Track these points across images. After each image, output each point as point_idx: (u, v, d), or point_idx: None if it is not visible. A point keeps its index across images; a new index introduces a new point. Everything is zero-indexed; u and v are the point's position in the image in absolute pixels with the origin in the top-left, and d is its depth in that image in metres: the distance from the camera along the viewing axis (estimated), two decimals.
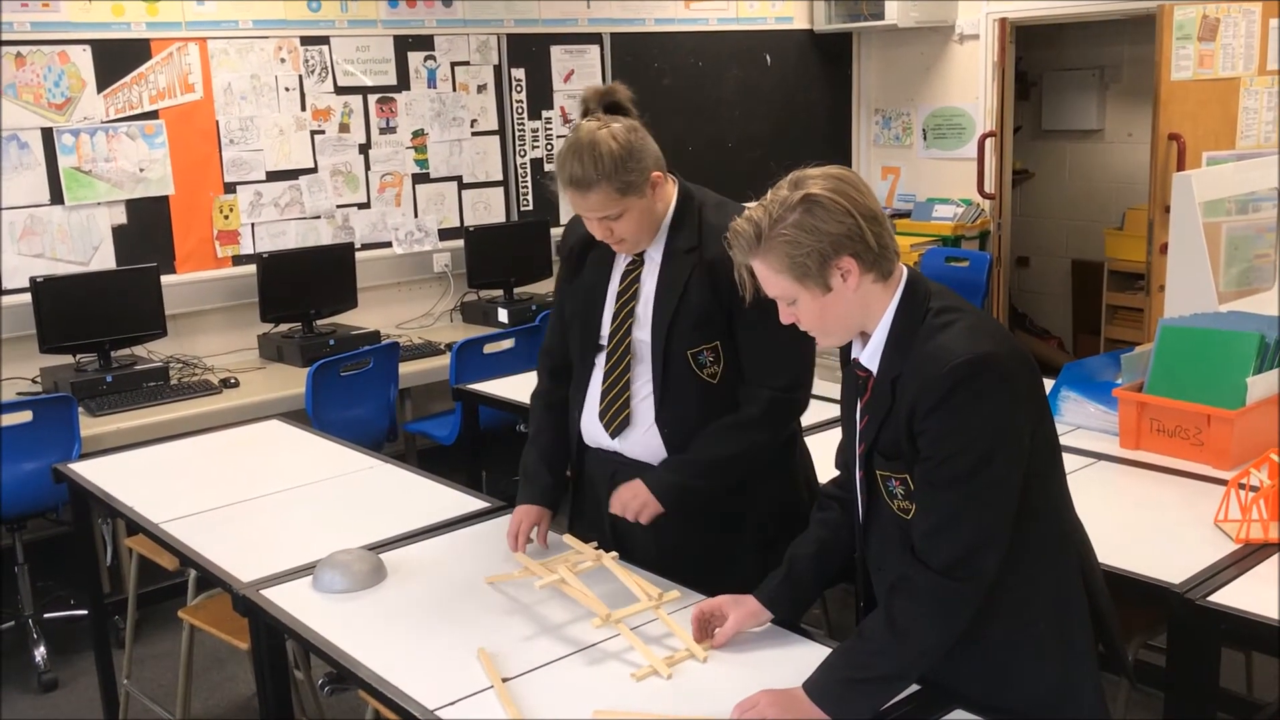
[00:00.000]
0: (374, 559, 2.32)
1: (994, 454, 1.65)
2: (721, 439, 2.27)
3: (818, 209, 1.67)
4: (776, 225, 1.68)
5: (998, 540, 1.67)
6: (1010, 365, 1.67)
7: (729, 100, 6.29)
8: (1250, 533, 2.26)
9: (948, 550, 1.67)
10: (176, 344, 4.62)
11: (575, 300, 2.43)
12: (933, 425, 1.66)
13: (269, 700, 2.32)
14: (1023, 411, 1.69)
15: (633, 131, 2.19)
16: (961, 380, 1.63)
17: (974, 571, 1.66)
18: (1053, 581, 1.78)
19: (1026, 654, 1.77)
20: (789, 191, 1.70)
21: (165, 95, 4.58)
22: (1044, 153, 7.07)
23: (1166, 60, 4.82)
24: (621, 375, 2.34)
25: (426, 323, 5.32)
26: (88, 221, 4.46)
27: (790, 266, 1.68)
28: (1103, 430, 2.95)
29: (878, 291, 1.73)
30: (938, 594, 1.68)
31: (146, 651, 3.88)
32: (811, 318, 1.74)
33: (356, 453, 3.14)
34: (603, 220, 2.20)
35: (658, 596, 2.08)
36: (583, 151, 2.13)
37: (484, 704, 1.82)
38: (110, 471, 3.06)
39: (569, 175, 2.15)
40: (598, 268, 2.39)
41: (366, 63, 5.09)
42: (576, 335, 2.42)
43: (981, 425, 1.64)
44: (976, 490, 1.65)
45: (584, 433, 2.44)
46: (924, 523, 1.71)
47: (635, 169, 2.16)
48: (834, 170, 1.73)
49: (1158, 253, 4.83)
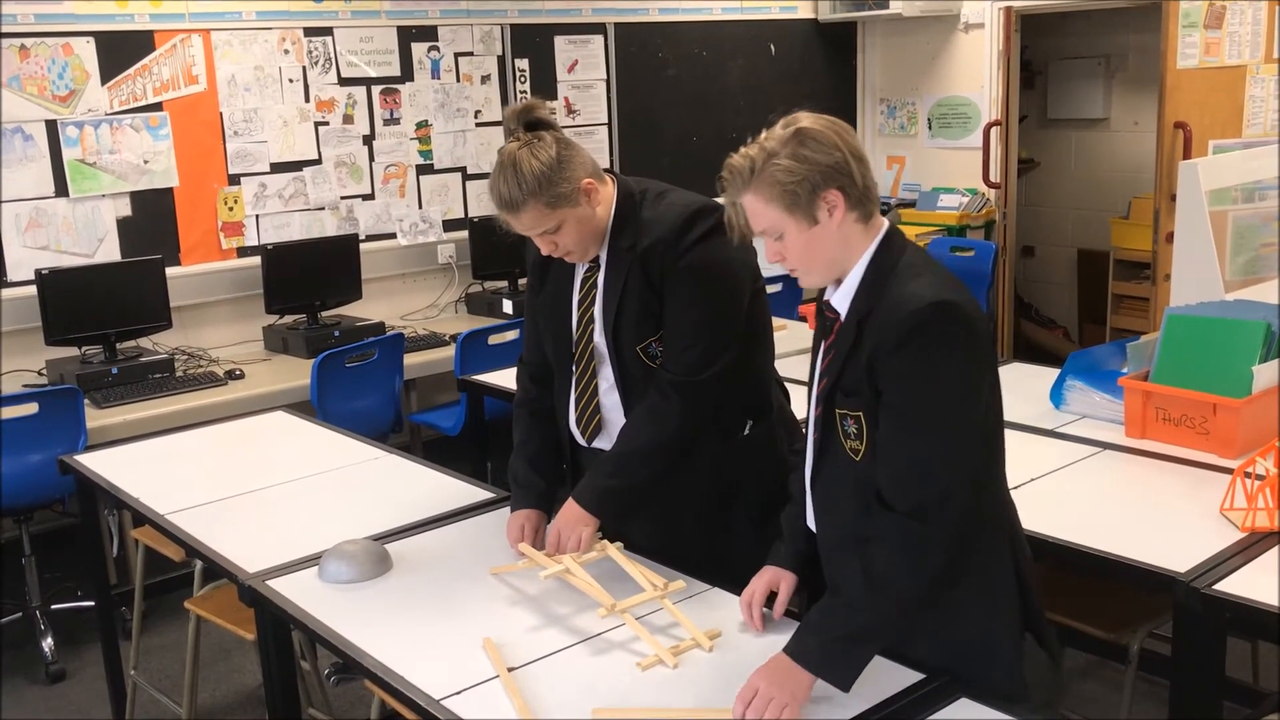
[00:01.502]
0: (379, 549, 2.32)
1: (962, 399, 1.70)
2: (631, 432, 2.30)
3: (810, 140, 1.73)
4: (770, 158, 1.74)
5: (965, 484, 1.71)
6: (973, 317, 1.72)
7: (733, 91, 6.28)
8: (1256, 521, 2.26)
9: (916, 493, 1.70)
10: (182, 336, 4.62)
11: (544, 312, 2.45)
12: (896, 367, 1.71)
13: (275, 691, 2.32)
14: (983, 363, 1.74)
15: (557, 144, 2.18)
16: (926, 323, 1.68)
17: (942, 513, 1.70)
18: (982, 542, 1.81)
19: (952, 610, 1.81)
20: (782, 129, 1.76)
21: (169, 87, 4.58)
22: (1049, 142, 7.05)
23: (1172, 48, 4.80)
24: (590, 380, 2.38)
25: (431, 314, 5.33)
26: (92, 214, 4.47)
27: (781, 195, 1.74)
28: (1108, 419, 2.94)
29: (859, 232, 1.78)
30: (907, 537, 1.71)
31: (153, 642, 3.90)
32: (797, 252, 1.79)
33: (361, 443, 3.14)
34: (543, 235, 2.22)
35: (663, 586, 2.08)
36: (507, 173, 2.15)
37: (490, 694, 1.82)
38: (116, 463, 3.07)
39: (499, 198, 2.18)
40: (560, 277, 2.41)
41: (370, 54, 5.09)
42: (552, 346, 2.45)
43: (949, 371, 1.69)
44: (944, 434, 1.70)
45: (573, 435, 2.48)
46: (891, 467, 1.74)
47: (562, 180, 2.16)
48: (825, 115, 1.80)
49: (1164, 242, 4.81)
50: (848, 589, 1.75)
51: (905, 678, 1.81)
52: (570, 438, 2.49)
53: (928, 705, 1.74)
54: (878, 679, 1.80)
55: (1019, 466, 2.61)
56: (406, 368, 4.53)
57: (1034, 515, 2.19)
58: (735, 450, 2.36)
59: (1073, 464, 2.70)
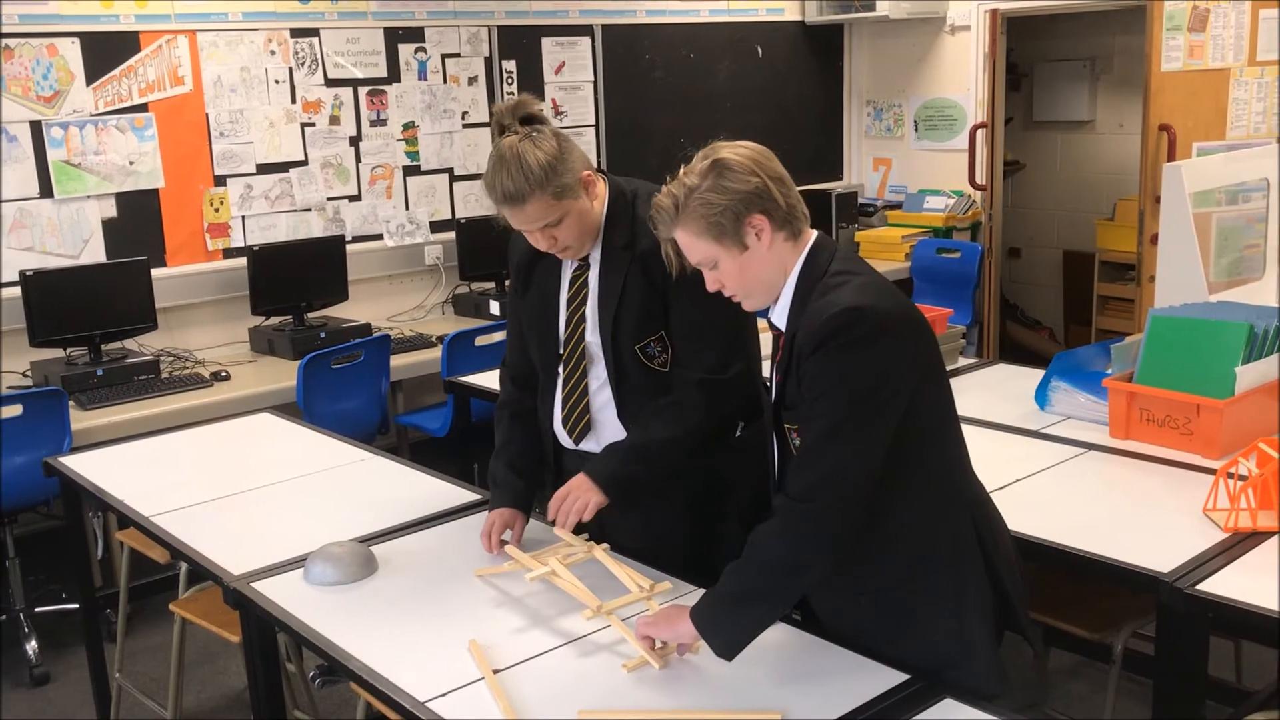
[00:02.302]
0: (365, 551, 2.32)
1: (859, 397, 1.75)
2: (653, 423, 2.29)
3: (727, 171, 1.80)
4: (692, 193, 1.81)
5: (850, 476, 1.75)
6: (889, 320, 1.76)
7: (720, 92, 6.29)
8: (1239, 521, 2.27)
9: (803, 479, 1.78)
10: (167, 337, 4.61)
11: (530, 314, 2.45)
12: (810, 369, 1.77)
13: (260, 693, 2.32)
14: (900, 365, 1.78)
15: (555, 137, 2.20)
16: (837, 329, 1.74)
17: (822, 498, 1.76)
18: (946, 539, 1.87)
19: (922, 608, 1.86)
20: (700, 161, 1.84)
21: (155, 88, 4.57)
22: (1035, 144, 7.07)
23: (1157, 51, 4.83)
24: (580, 380, 2.38)
25: (418, 315, 5.32)
26: (77, 215, 4.45)
27: (708, 228, 1.81)
28: (1093, 420, 2.95)
29: (789, 250, 1.85)
30: (787, 515, 1.78)
31: (138, 645, 3.88)
32: (733, 278, 1.86)
33: (347, 445, 3.13)
34: (544, 230, 2.21)
35: (649, 588, 2.08)
36: (510, 166, 2.14)
37: (475, 696, 1.82)
38: (101, 465, 3.06)
39: (502, 192, 2.16)
40: (547, 278, 2.41)
41: (357, 55, 5.08)
42: (537, 348, 2.44)
43: (850, 370, 1.74)
44: (836, 428, 1.75)
45: (558, 437, 2.47)
46: (796, 455, 1.82)
47: (566, 172, 2.17)
48: (744, 142, 1.87)
49: (1148, 243, 4.83)
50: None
51: (890, 678, 1.81)
52: (554, 440, 2.48)
53: (912, 705, 1.74)
54: (862, 680, 1.81)
55: (1003, 467, 2.64)
56: (393, 369, 4.53)
57: (1019, 516, 2.20)
58: (727, 452, 2.37)
59: (1057, 465, 2.71)
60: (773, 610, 1.85)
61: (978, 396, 3.20)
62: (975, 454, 1.99)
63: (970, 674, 1.82)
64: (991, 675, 1.86)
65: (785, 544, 1.78)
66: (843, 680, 1.82)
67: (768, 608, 1.83)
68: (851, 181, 6.97)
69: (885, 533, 1.85)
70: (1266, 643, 2.90)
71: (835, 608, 1.97)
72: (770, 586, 1.80)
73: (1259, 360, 2.73)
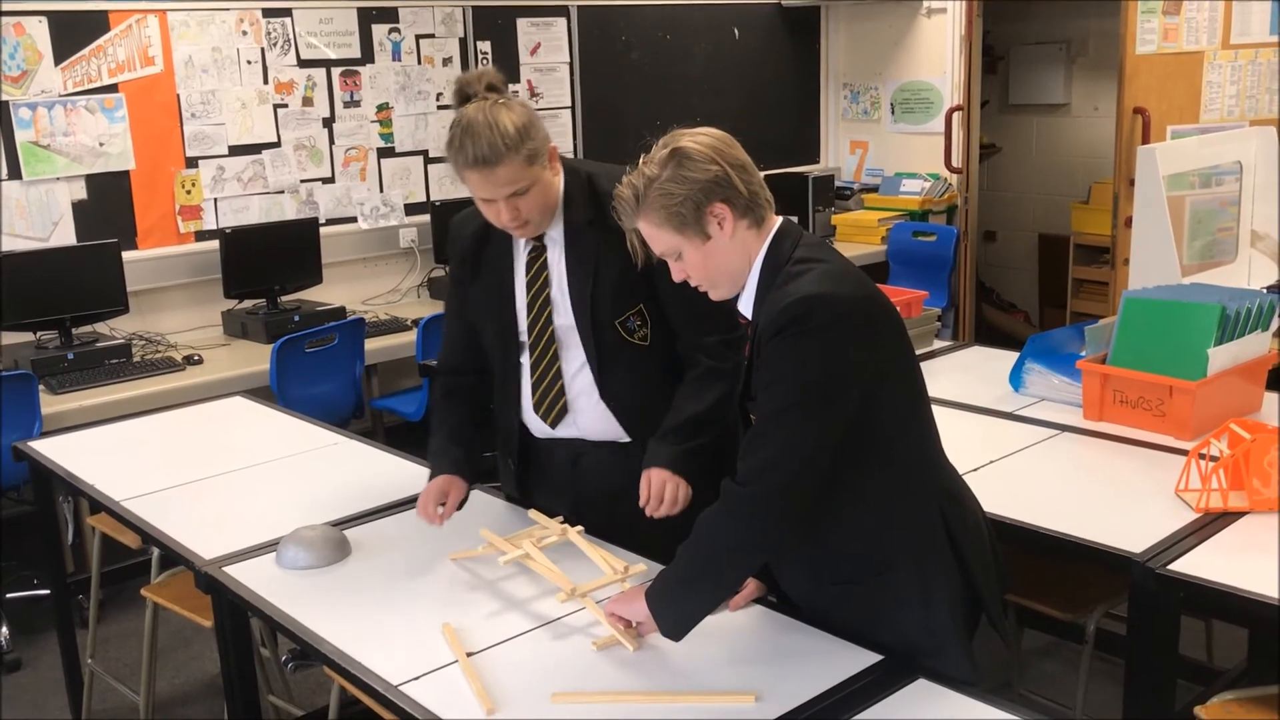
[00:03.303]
0: (338, 535, 2.31)
1: (810, 386, 1.73)
2: (694, 394, 2.26)
3: (686, 160, 1.78)
4: (652, 183, 1.79)
5: (796, 460, 1.73)
6: (848, 308, 1.74)
7: (697, 74, 6.26)
8: (1210, 502, 2.28)
9: (748, 462, 1.76)
10: (139, 321, 4.57)
11: (482, 302, 2.39)
12: (766, 356, 1.76)
13: (234, 678, 2.30)
14: (859, 353, 1.75)
15: (523, 105, 2.17)
16: (794, 318, 1.72)
17: (764, 482, 1.74)
18: (912, 533, 1.85)
19: (890, 601, 1.85)
20: (660, 150, 1.82)
21: (125, 68, 4.51)
22: (1011, 127, 7.09)
23: (1132, 34, 4.83)
24: (550, 364, 2.34)
25: (393, 299, 5.29)
26: (47, 197, 4.40)
27: (669, 219, 1.79)
28: (1066, 402, 2.97)
29: (752, 238, 1.83)
30: (730, 498, 1.77)
31: (111, 630, 3.86)
32: (697, 269, 1.84)
33: (321, 429, 3.11)
34: (510, 199, 2.16)
35: (623, 570, 2.08)
36: (481, 129, 2.09)
37: (448, 679, 1.82)
38: (72, 449, 3.03)
39: (473, 155, 2.09)
40: (497, 264, 2.36)
41: (330, 35, 5.03)
42: (493, 336, 2.39)
43: (804, 357, 1.73)
44: (783, 413, 1.74)
45: (529, 428, 2.43)
46: (743, 441, 1.81)
47: (536, 137, 2.14)
48: (705, 129, 1.84)
49: (1123, 226, 4.85)
50: None
51: (863, 659, 1.82)
52: (519, 431, 2.44)
53: (886, 686, 1.75)
54: (836, 661, 1.81)
55: (978, 448, 2.65)
56: (368, 353, 4.50)
57: (992, 497, 2.20)
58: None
59: (1031, 446, 2.72)
60: (717, 593, 1.84)
61: (952, 379, 3.21)
62: (949, 436, 1.99)
63: (940, 664, 1.82)
64: (962, 665, 1.85)
65: (727, 528, 1.77)
66: (816, 661, 1.82)
67: (712, 591, 1.83)
68: (828, 164, 6.97)
69: (849, 525, 1.85)
70: (1237, 622, 2.93)
71: (806, 597, 1.97)
72: (714, 570, 1.79)
73: (1231, 342, 2.74)
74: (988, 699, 1.71)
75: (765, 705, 1.70)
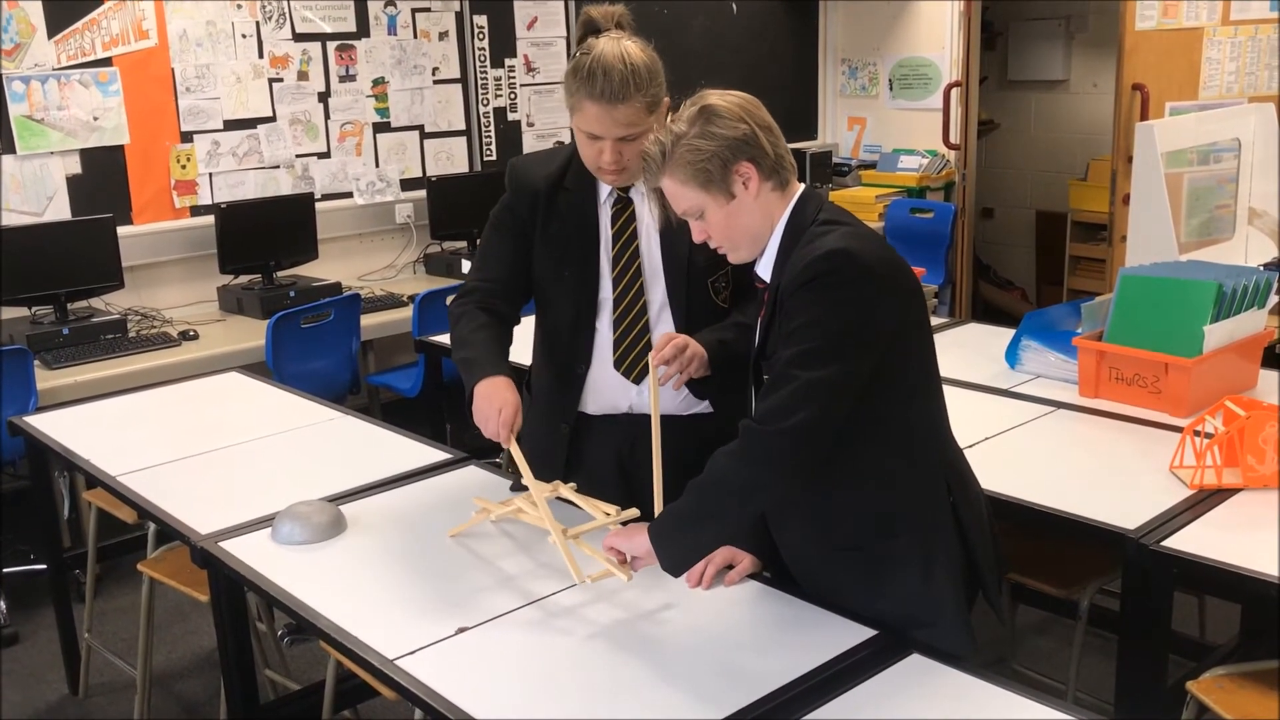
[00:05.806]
0: (334, 510, 2.31)
1: (835, 334, 1.72)
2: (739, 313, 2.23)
3: (715, 117, 1.78)
4: (680, 139, 1.79)
5: (815, 404, 1.71)
6: (876, 268, 1.74)
7: (695, 50, 6.23)
8: (1204, 479, 2.29)
9: (768, 403, 1.75)
10: (134, 296, 4.56)
11: (560, 248, 2.25)
12: (789, 308, 1.75)
13: (230, 652, 2.31)
14: (880, 310, 1.74)
15: (651, 50, 2.12)
16: (824, 271, 1.71)
17: (782, 424, 1.72)
18: (918, 499, 1.85)
19: (891, 567, 1.85)
20: (689, 108, 1.81)
21: (119, 42, 4.48)
22: (1009, 103, 7.06)
23: (1131, 10, 4.81)
24: (637, 319, 2.25)
25: (389, 274, 5.28)
26: (41, 171, 4.38)
27: (695, 175, 1.78)
28: (1062, 379, 2.97)
29: (776, 200, 1.83)
30: (746, 437, 1.76)
31: (108, 605, 3.87)
32: (719, 229, 1.84)
33: (317, 404, 3.11)
34: (618, 142, 2.08)
35: (615, 513, 2.06)
36: (614, 64, 2.03)
37: (444, 653, 1.82)
38: (68, 425, 3.02)
39: (600, 89, 2.02)
40: (576, 213, 2.25)
41: (325, 9, 5.00)
42: (574, 287, 2.26)
43: (830, 307, 1.72)
44: (806, 355, 1.72)
45: (590, 397, 2.30)
46: (764, 384, 1.80)
47: (660, 85, 2.11)
48: (733, 90, 1.84)
49: (1120, 203, 4.84)
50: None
51: (858, 633, 1.82)
52: (572, 416, 2.31)
53: (881, 660, 1.76)
54: (831, 635, 1.82)
55: (974, 425, 2.65)
56: (364, 329, 4.49)
57: (988, 473, 2.20)
58: (724, 413, 2.28)
59: (1027, 423, 2.73)
60: (723, 531, 1.86)
61: (949, 355, 3.19)
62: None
63: (938, 634, 1.82)
64: (960, 637, 1.85)
65: (741, 466, 1.76)
66: (811, 635, 1.82)
67: (718, 529, 1.84)
68: (826, 141, 6.95)
69: (857, 488, 1.85)
70: (1230, 598, 2.94)
71: (806, 564, 1.97)
72: (723, 508, 1.78)
73: (1227, 319, 2.74)
74: (981, 674, 1.72)
75: (758, 681, 1.71)
